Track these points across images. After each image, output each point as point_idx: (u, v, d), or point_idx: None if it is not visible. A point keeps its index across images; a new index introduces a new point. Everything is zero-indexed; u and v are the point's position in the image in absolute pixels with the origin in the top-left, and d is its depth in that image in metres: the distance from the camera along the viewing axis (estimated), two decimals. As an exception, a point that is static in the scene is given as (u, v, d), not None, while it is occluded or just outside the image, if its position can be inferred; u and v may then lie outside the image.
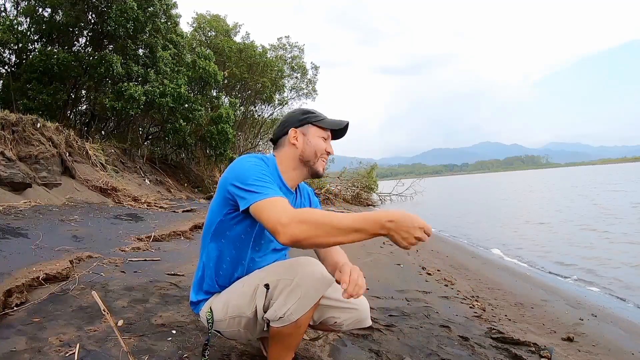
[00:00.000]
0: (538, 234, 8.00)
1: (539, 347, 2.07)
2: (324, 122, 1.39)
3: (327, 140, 1.40)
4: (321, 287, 1.20)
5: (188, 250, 3.58)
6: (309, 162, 1.37)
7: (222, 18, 17.00)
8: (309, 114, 1.41)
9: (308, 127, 1.38)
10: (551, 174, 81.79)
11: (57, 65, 8.26)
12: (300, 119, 1.39)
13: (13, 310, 1.78)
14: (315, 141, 1.37)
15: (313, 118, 1.39)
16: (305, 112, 1.41)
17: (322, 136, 1.39)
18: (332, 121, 1.41)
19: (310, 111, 1.42)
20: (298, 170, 1.38)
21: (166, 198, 8.55)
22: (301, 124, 1.38)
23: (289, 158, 1.37)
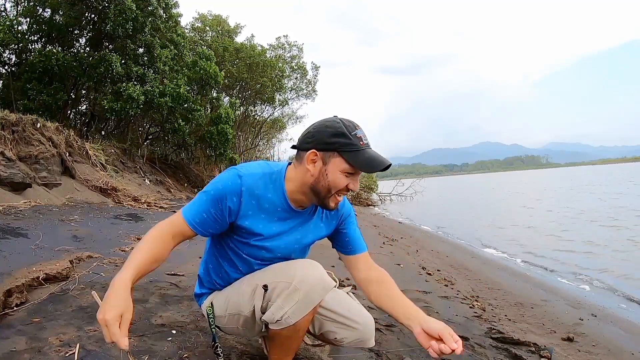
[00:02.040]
0: (537, 233, 8.00)
1: (539, 347, 2.07)
2: (355, 158, 1.11)
3: (353, 177, 1.15)
4: (320, 291, 1.17)
5: (188, 250, 3.58)
6: (320, 194, 1.17)
7: (224, 19, 17.01)
8: (341, 138, 1.11)
9: (333, 156, 1.13)
10: (551, 174, 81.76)
11: (57, 66, 8.26)
12: (327, 142, 1.12)
13: (13, 310, 1.78)
14: (334, 176, 1.13)
15: (343, 146, 1.11)
16: (338, 134, 1.11)
17: (346, 171, 1.13)
18: (365, 160, 1.11)
19: (344, 134, 1.11)
20: (306, 196, 1.20)
21: (166, 198, 8.55)
22: (326, 147, 1.13)
23: (300, 181, 1.18)
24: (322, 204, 1.20)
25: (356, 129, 1.14)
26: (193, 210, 1.14)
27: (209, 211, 1.14)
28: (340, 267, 3.45)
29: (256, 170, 1.20)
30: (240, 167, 1.19)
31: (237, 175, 1.16)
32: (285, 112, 19.98)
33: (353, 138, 1.12)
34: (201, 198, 1.15)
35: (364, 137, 1.14)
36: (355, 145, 1.12)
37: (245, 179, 1.16)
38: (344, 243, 1.35)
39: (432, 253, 5.61)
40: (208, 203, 1.14)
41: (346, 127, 1.12)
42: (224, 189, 1.14)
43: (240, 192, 1.15)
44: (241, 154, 16.01)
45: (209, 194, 1.14)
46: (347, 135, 1.11)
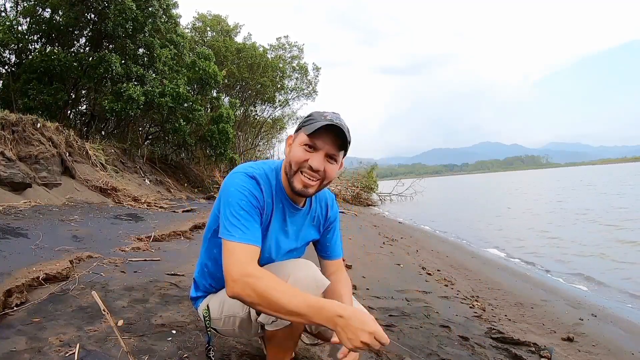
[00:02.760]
0: (538, 233, 8.00)
1: (539, 347, 2.07)
2: (309, 128, 1.12)
3: (314, 152, 1.13)
4: (314, 291, 1.15)
5: (188, 250, 3.58)
6: (288, 175, 1.17)
7: (223, 18, 17.03)
8: (309, 117, 1.17)
9: (298, 134, 1.17)
10: (551, 174, 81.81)
11: (57, 66, 8.27)
12: (299, 125, 1.19)
13: (13, 310, 1.78)
14: (294, 150, 1.15)
15: (306, 122, 1.15)
16: (308, 116, 1.18)
17: (304, 143, 1.13)
18: (314, 126, 1.11)
19: (312, 116, 1.17)
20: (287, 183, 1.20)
21: (166, 198, 8.55)
22: (297, 128, 1.20)
23: (283, 167, 1.21)
24: (291, 187, 1.18)
25: (330, 114, 1.15)
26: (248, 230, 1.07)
27: (255, 218, 1.11)
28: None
29: (260, 171, 1.19)
30: (244, 170, 1.17)
31: (249, 177, 1.15)
32: (285, 112, 20.00)
33: (317, 116, 1.14)
34: (236, 213, 1.09)
35: (332, 116, 1.14)
36: (315, 119, 1.13)
37: (258, 179, 1.16)
38: (324, 247, 1.38)
39: (432, 253, 5.61)
40: (251, 214, 1.10)
41: (319, 112, 1.17)
42: (249, 193, 1.12)
43: (261, 190, 1.16)
44: (241, 154, 16.02)
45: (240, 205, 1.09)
46: (314, 115, 1.15)
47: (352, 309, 0.98)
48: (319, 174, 1.14)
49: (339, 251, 1.40)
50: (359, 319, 0.94)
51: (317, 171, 1.13)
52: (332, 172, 1.16)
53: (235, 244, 1.05)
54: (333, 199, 1.41)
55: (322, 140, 1.12)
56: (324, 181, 1.18)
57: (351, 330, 0.93)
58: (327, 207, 1.37)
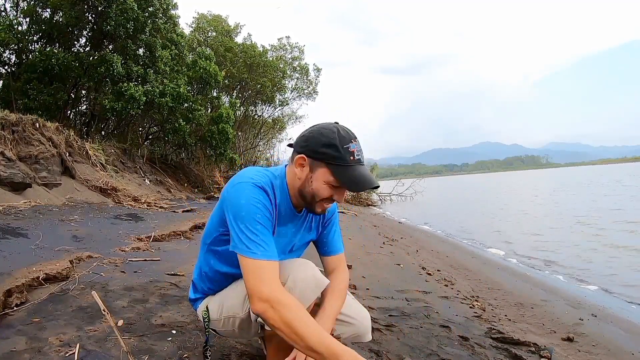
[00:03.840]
0: (538, 233, 8.00)
1: (539, 347, 2.07)
2: (341, 173, 1.09)
3: (338, 189, 1.13)
4: (314, 290, 1.16)
5: (188, 250, 3.58)
6: (306, 199, 1.17)
7: (224, 18, 17.02)
8: (331, 149, 1.09)
9: (320, 165, 1.11)
10: (551, 174, 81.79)
11: (57, 66, 8.26)
12: (317, 151, 1.10)
13: (13, 310, 1.78)
14: (318, 185, 1.13)
15: (331, 159, 1.09)
16: (329, 145, 1.09)
17: (330, 183, 1.12)
18: (350, 177, 1.09)
19: (335, 146, 1.08)
20: (297, 199, 1.21)
21: (166, 198, 8.55)
22: (315, 156, 1.11)
23: (291, 183, 1.19)
24: (309, 208, 1.20)
25: (351, 142, 1.10)
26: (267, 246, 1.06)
27: (269, 233, 1.10)
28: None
29: (266, 179, 1.16)
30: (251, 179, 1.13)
31: (258, 188, 1.11)
32: (285, 112, 20.00)
33: (343, 151, 1.09)
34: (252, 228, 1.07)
35: (357, 152, 1.11)
36: (344, 159, 1.09)
37: (266, 190, 1.13)
38: (322, 244, 1.37)
39: (432, 253, 5.61)
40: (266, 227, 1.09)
41: (340, 139, 1.09)
42: (262, 205, 1.09)
43: (270, 202, 1.13)
44: (241, 154, 16.01)
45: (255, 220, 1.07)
46: (338, 147, 1.09)
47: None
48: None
49: (338, 246, 1.39)
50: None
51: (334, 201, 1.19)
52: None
53: (259, 262, 1.03)
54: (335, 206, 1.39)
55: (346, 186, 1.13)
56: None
57: None
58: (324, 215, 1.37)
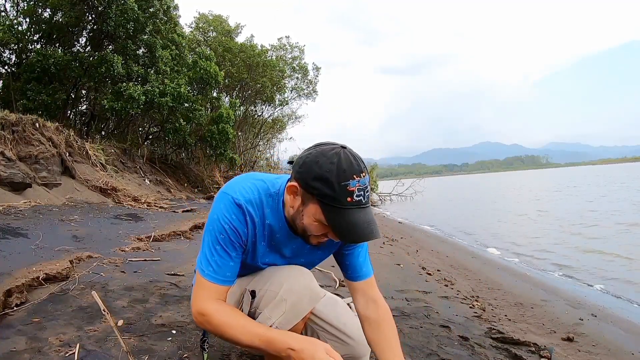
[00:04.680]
0: (538, 234, 8.00)
1: (539, 347, 2.07)
2: (334, 216, 0.94)
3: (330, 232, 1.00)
4: (308, 302, 1.14)
5: (188, 250, 3.58)
6: (298, 230, 1.06)
7: (224, 19, 17.03)
8: (325, 186, 0.92)
9: (312, 200, 0.97)
10: (551, 174, 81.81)
11: (55, 65, 8.26)
12: (309, 183, 0.94)
13: (13, 310, 1.78)
14: (309, 222, 1.00)
15: (324, 197, 0.93)
16: (322, 179, 0.92)
17: (321, 222, 0.98)
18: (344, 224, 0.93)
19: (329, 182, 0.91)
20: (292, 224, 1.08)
21: (166, 198, 8.55)
22: (307, 188, 0.96)
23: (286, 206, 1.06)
24: (303, 239, 1.08)
25: (351, 178, 0.91)
26: (216, 268, 1.04)
27: (232, 256, 1.06)
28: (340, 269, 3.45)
29: (254, 195, 1.06)
30: (234, 193, 1.04)
31: (235, 205, 1.03)
32: (285, 112, 20.01)
33: (339, 190, 0.91)
34: (212, 247, 1.04)
35: (358, 192, 0.92)
36: (338, 200, 0.92)
37: (247, 208, 1.04)
38: (343, 266, 1.24)
39: (432, 253, 5.61)
40: (225, 250, 1.04)
41: (338, 173, 0.91)
42: (230, 227, 1.03)
43: (245, 222, 1.05)
44: (241, 154, 16.01)
45: (218, 239, 1.04)
46: (333, 184, 0.91)
47: (304, 340, 0.97)
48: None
49: (362, 272, 1.22)
50: (311, 351, 0.94)
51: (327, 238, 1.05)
52: None
53: (204, 281, 1.05)
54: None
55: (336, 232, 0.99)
56: None
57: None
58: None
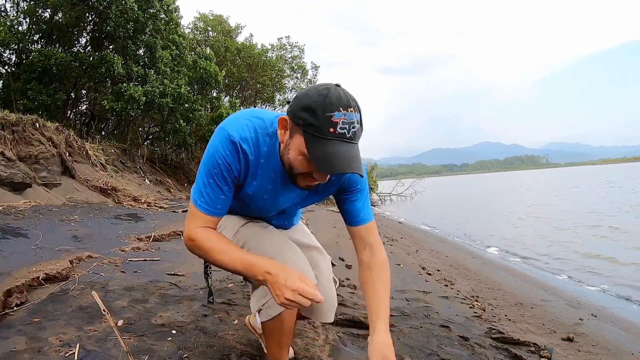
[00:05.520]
0: (538, 234, 8.00)
1: (539, 347, 2.07)
2: (314, 146, 0.92)
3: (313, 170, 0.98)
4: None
5: (188, 250, 3.57)
6: (290, 169, 1.05)
7: (225, 19, 17.04)
8: (310, 115, 0.91)
9: (298, 131, 0.96)
10: (551, 174, 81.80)
11: (56, 66, 8.26)
12: (297, 114, 0.94)
13: (13, 310, 1.78)
14: (293, 155, 0.99)
15: (308, 126, 0.92)
16: (308, 108, 0.91)
17: (305, 155, 0.95)
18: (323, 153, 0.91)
19: (314, 111, 0.90)
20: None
21: (166, 198, 8.55)
22: (295, 119, 0.95)
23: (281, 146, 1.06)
24: (292, 179, 1.07)
25: (337, 110, 0.90)
26: (207, 199, 1.08)
27: (224, 190, 1.08)
28: (340, 268, 3.45)
29: (250, 133, 1.05)
30: (230, 129, 1.04)
31: (230, 142, 1.03)
32: (285, 111, 20.03)
33: (323, 120, 0.90)
34: (206, 180, 1.07)
35: (343, 124, 0.90)
36: (321, 130, 0.90)
37: (241, 144, 1.04)
38: (342, 211, 1.23)
39: (432, 253, 5.61)
40: (217, 183, 1.07)
41: (324, 104, 0.90)
42: (223, 162, 1.04)
43: (238, 159, 1.05)
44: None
45: (212, 173, 1.06)
46: (318, 114, 0.90)
47: (281, 266, 1.00)
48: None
49: (360, 217, 1.21)
50: (284, 275, 0.96)
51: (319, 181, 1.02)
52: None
53: (196, 210, 1.09)
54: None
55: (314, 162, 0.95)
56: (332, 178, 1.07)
57: (277, 287, 0.96)
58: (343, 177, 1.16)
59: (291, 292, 0.94)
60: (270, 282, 0.98)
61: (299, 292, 0.94)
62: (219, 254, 1.06)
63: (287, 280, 0.95)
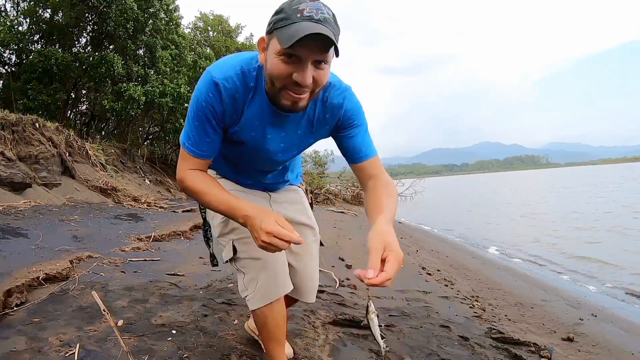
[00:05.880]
0: (538, 234, 8.00)
1: (539, 347, 2.06)
2: (283, 32, 0.89)
3: (295, 64, 0.92)
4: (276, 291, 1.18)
5: (188, 250, 3.57)
6: (272, 89, 1.00)
7: (225, 19, 17.03)
8: (279, 13, 0.92)
9: (272, 37, 0.94)
10: (551, 174, 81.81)
11: (56, 66, 8.26)
12: (269, 24, 0.94)
13: (13, 310, 1.78)
14: (271, 63, 0.95)
15: (278, 22, 0.91)
16: (278, 11, 0.93)
17: (280, 53, 0.91)
18: (290, 32, 0.88)
19: (282, 9, 0.92)
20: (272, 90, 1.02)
21: (166, 198, 8.55)
22: (268, 31, 0.95)
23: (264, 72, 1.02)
24: (278, 104, 1.02)
25: (304, 1, 0.90)
26: (193, 141, 1.09)
27: (209, 133, 1.08)
28: (340, 268, 3.45)
29: (235, 71, 1.04)
30: (214, 71, 1.03)
31: (213, 83, 1.02)
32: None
33: (290, 11, 0.90)
34: (192, 123, 1.07)
35: (309, 10, 0.89)
36: (289, 18, 0.89)
37: (224, 84, 1.02)
38: (343, 150, 1.17)
39: (432, 253, 5.60)
40: (203, 126, 1.06)
41: (293, 1, 0.91)
42: (207, 104, 1.04)
43: (221, 100, 1.03)
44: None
45: (197, 116, 1.06)
46: (285, 9, 0.91)
47: (260, 209, 1.00)
48: (307, 87, 0.95)
49: (367, 151, 1.15)
50: (261, 218, 0.96)
51: (305, 86, 0.95)
52: (323, 77, 0.97)
53: (185, 153, 1.12)
54: (345, 94, 1.12)
55: (304, 49, 0.89)
56: (317, 89, 1.00)
57: (255, 229, 0.96)
58: (337, 108, 1.11)
59: (266, 234, 0.93)
60: (249, 225, 0.99)
61: (274, 234, 0.93)
62: (205, 196, 1.08)
63: (262, 223, 0.94)
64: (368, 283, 0.80)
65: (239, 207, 1.02)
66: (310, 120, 1.13)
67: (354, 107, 1.13)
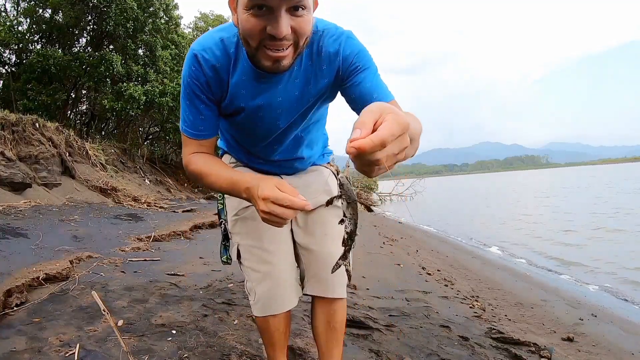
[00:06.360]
0: (537, 233, 8.00)
1: (539, 347, 2.06)
2: None
3: (266, 15, 0.80)
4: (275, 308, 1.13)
5: (188, 250, 3.57)
6: (249, 50, 0.89)
7: (226, 19, 17.03)
8: None
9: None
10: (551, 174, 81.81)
11: (56, 66, 8.27)
12: None
13: (13, 310, 1.78)
14: (242, 20, 0.84)
15: None
16: None
17: (249, 7, 0.81)
18: None
19: None
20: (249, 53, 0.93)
21: (166, 198, 8.55)
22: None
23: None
24: (257, 64, 0.91)
25: None
26: (189, 122, 1.05)
27: (200, 110, 1.03)
28: (340, 267, 3.44)
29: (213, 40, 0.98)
30: (195, 45, 0.99)
31: (193, 56, 0.97)
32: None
33: None
34: (184, 103, 1.04)
35: None
36: None
37: (202, 55, 0.97)
38: (352, 102, 1.00)
39: (432, 253, 5.60)
40: (193, 104, 1.02)
41: None
42: (191, 80, 0.99)
43: (202, 71, 0.98)
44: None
45: (185, 94, 1.02)
46: None
47: (260, 177, 0.91)
48: (287, 39, 0.83)
49: (380, 95, 0.96)
50: (259, 186, 0.84)
51: (283, 38, 0.82)
52: (305, 25, 0.84)
53: (184, 136, 1.08)
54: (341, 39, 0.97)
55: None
56: (300, 41, 0.86)
57: (254, 200, 0.87)
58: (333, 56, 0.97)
59: (262, 201, 0.82)
60: (250, 196, 0.89)
61: (271, 199, 0.81)
62: (209, 177, 1.02)
63: (259, 189, 0.84)
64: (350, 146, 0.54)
65: (241, 180, 0.93)
66: (307, 77, 0.99)
67: (354, 50, 0.97)
